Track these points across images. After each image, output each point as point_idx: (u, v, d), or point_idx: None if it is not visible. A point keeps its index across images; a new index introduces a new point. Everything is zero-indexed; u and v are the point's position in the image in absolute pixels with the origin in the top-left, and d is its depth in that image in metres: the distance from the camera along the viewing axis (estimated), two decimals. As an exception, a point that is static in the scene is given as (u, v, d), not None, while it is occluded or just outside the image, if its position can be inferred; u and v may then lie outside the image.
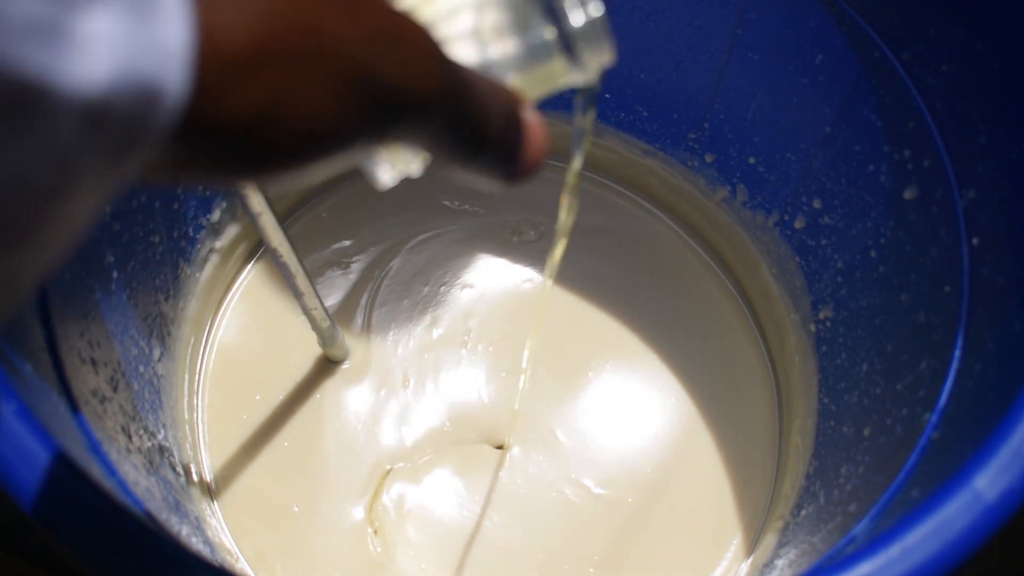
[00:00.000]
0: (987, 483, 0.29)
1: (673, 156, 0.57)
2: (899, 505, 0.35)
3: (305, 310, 0.47)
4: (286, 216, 0.58)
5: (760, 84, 0.50)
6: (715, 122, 0.53)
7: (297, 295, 0.46)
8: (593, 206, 0.59)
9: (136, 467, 0.38)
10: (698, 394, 0.54)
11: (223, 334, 0.55)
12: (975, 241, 0.39)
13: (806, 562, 0.40)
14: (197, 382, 0.53)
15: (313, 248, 0.57)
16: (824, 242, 0.50)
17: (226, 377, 0.53)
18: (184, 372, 0.51)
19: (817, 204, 0.50)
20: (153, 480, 0.40)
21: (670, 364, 0.55)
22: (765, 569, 0.46)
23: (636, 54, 0.52)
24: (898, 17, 0.42)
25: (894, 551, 0.28)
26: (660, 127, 0.56)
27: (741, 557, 0.50)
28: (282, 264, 0.44)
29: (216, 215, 0.52)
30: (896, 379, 0.42)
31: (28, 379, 0.31)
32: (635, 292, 0.57)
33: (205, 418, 0.52)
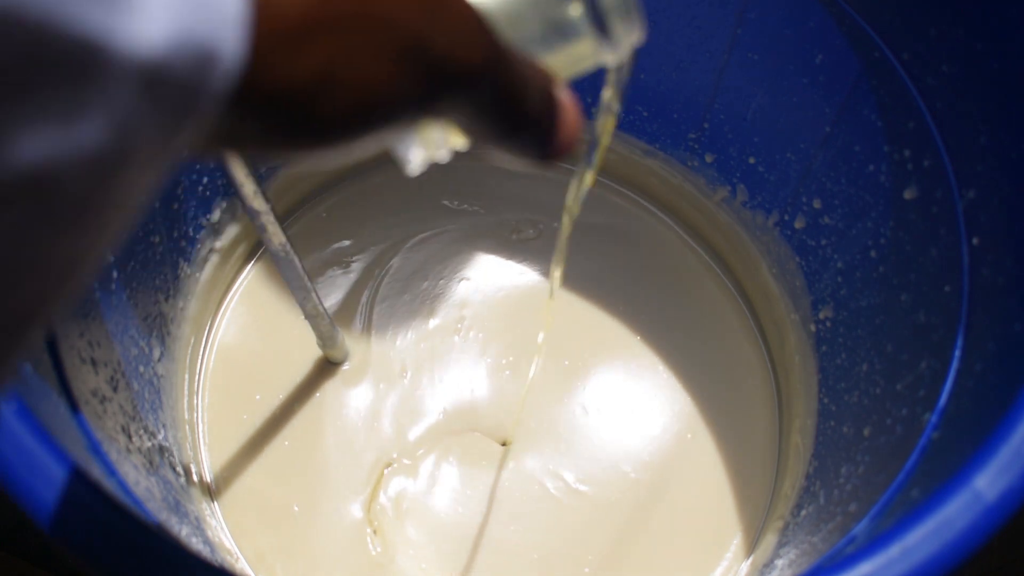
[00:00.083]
0: (987, 483, 0.29)
1: (673, 156, 0.57)
2: (899, 505, 0.35)
3: (305, 312, 0.47)
4: (286, 216, 0.58)
5: (760, 84, 0.50)
6: (715, 122, 0.53)
7: (297, 297, 0.46)
8: (593, 206, 0.59)
9: (136, 467, 0.38)
10: (698, 394, 0.54)
11: (223, 334, 0.55)
12: (975, 241, 0.39)
13: (806, 562, 0.40)
14: (197, 382, 0.53)
15: (313, 248, 0.57)
16: (824, 242, 0.50)
17: (226, 377, 0.53)
18: (184, 372, 0.51)
19: (817, 204, 0.50)
20: (153, 480, 0.40)
21: (670, 364, 0.55)
22: (765, 569, 0.46)
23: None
24: (898, 17, 0.42)
25: (894, 551, 0.28)
26: (660, 127, 0.56)
27: (741, 557, 0.50)
28: (282, 265, 0.44)
29: (216, 215, 0.52)
30: (896, 379, 0.42)
31: (28, 379, 0.31)
32: (635, 292, 0.57)
33: (205, 418, 0.52)
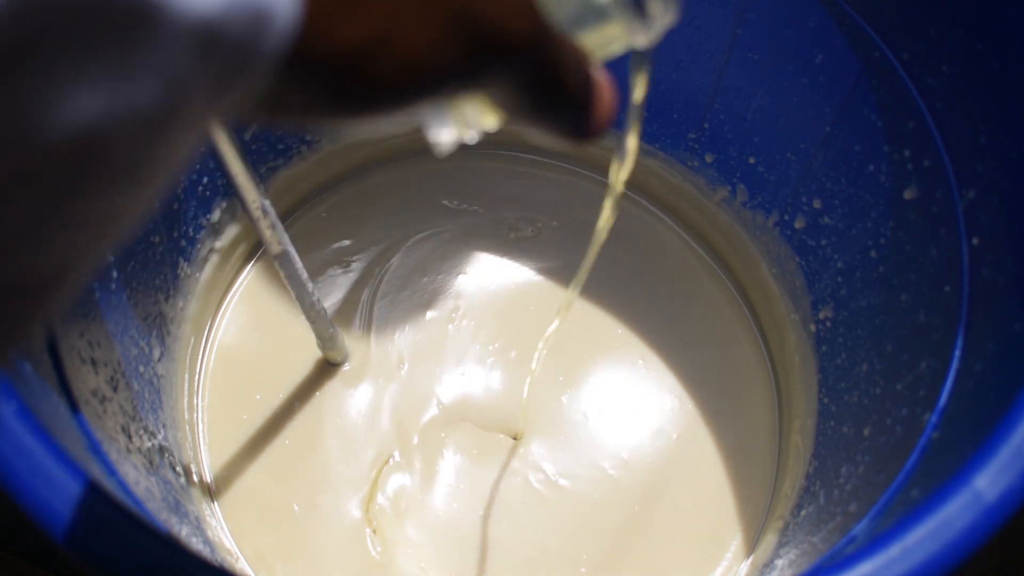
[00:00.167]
0: (987, 483, 0.29)
1: (673, 156, 0.57)
2: (899, 505, 0.35)
3: (305, 313, 0.47)
4: (286, 216, 0.58)
5: (760, 84, 0.50)
6: (715, 122, 0.53)
7: (297, 298, 0.46)
8: (592, 206, 0.59)
9: (136, 467, 0.38)
10: (698, 394, 0.54)
11: (223, 334, 0.55)
12: (975, 241, 0.39)
13: (806, 562, 0.40)
14: (197, 382, 0.53)
15: (313, 248, 0.57)
16: (824, 242, 0.50)
17: (226, 377, 0.53)
18: (184, 372, 0.51)
19: (817, 204, 0.50)
20: (153, 480, 0.40)
21: (670, 364, 0.55)
22: (765, 569, 0.46)
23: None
24: (898, 17, 0.42)
25: (894, 551, 0.28)
26: (660, 127, 0.56)
27: (741, 557, 0.50)
28: (282, 266, 0.44)
29: (216, 215, 0.52)
30: (896, 379, 0.42)
31: (28, 379, 0.31)
32: (635, 292, 0.57)
33: (205, 418, 0.52)
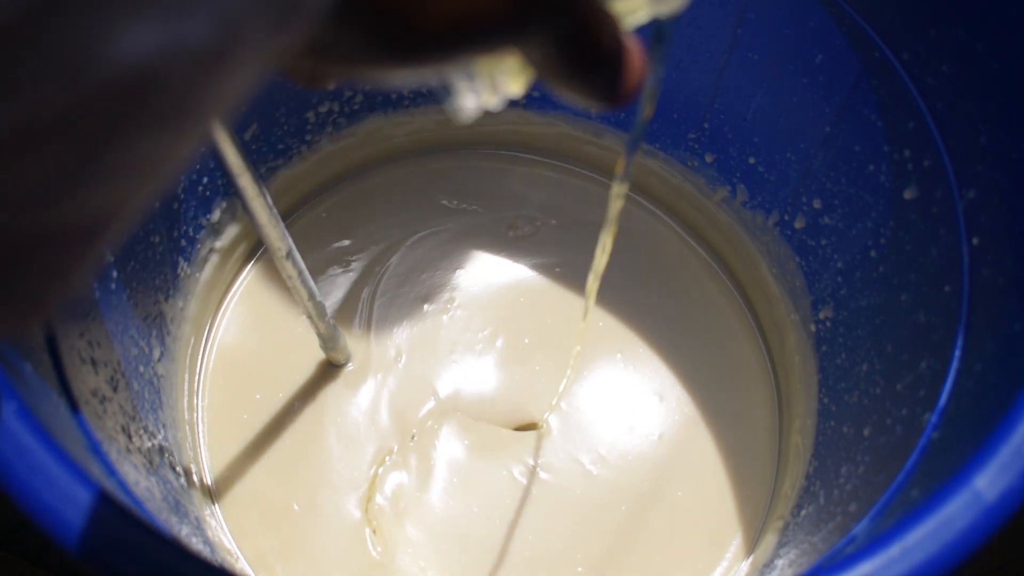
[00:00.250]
0: (987, 483, 0.29)
1: (673, 156, 0.57)
2: (899, 505, 0.35)
3: (307, 314, 0.47)
4: (286, 216, 0.58)
5: (760, 84, 0.50)
6: (715, 122, 0.53)
7: (299, 299, 0.46)
8: (593, 205, 0.59)
9: (136, 467, 0.38)
10: (698, 394, 0.54)
11: (223, 334, 0.55)
12: (975, 241, 0.39)
13: (806, 562, 0.40)
14: (197, 382, 0.53)
15: (313, 248, 0.57)
16: (824, 242, 0.50)
17: (226, 377, 0.53)
18: (184, 372, 0.51)
19: (817, 204, 0.50)
20: (153, 480, 0.40)
21: (670, 364, 0.55)
22: (765, 569, 0.46)
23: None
24: (898, 17, 0.42)
25: (894, 551, 0.28)
26: (660, 127, 0.56)
27: (741, 557, 0.50)
28: (284, 268, 0.44)
29: (216, 215, 0.52)
30: (896, 379, 0.42)
31: (28, 379, 0.31)
32: (635, 291, 0.57)
33: (205, 418, 0.52)
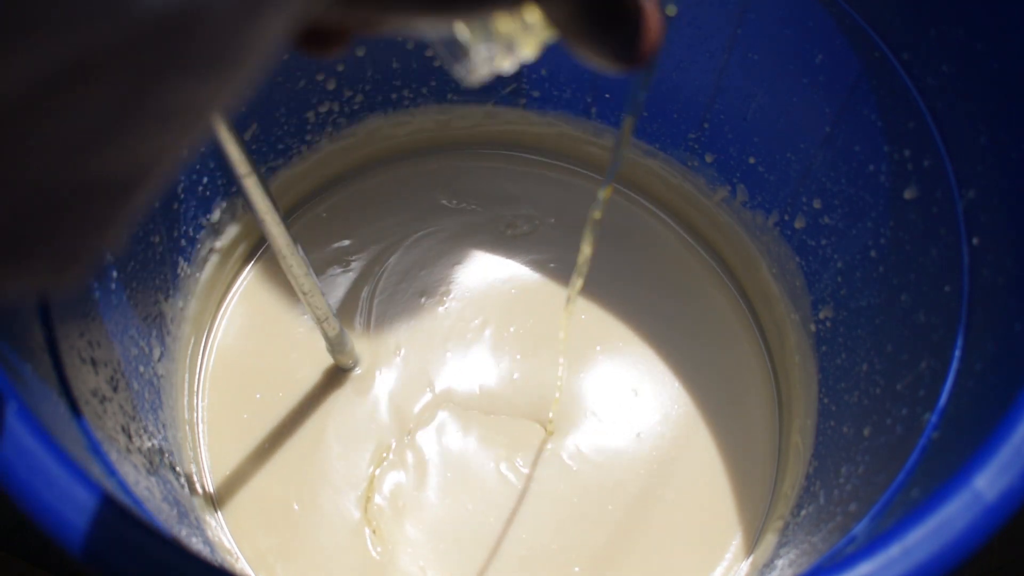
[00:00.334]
0: (987, 483, 0.29)
1: (673, 156, 0.57)
2: (899, 505, 0.35)
3: (314, 317, 0.47)
4: (286, 216, 0.58)
5: (760, 84, 0.50)
6: (715, 122, 0.53)
7: (306, 303, 0.46)
8: (592, 205, 0.59)
9: (136, 467, 0.38)
10: (698, 394, 0.54)
11: (223, 334, 0.55)
12: (975, 241, 0.39)
13: (806, 562, 0.40)
14: (197, 382, 0.53)
15: (313, 248, 0.57)
16: (824, 242, 0.50)
17: (226, 377, 0.53)
18: (184, 372, 0.51)
19: (817, 204, 0.50)
20: (153, 480, 0.40)
21: (670, 364, 0.55)
22: (765, 569, 0.46)
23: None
24: (898, 17, 0.42)
25: (894, 551, 0.28)
26: (660, 127, 0.56)
27: (741, 557, 0.50)
28: (291, 273, 0.43)
29: (216, 215, 0.52)
30: (896, 379, 0.42)
31: (28, 379, 0.31)
32: (634, 292, 0.57)
33: (205, 418, 0.52)
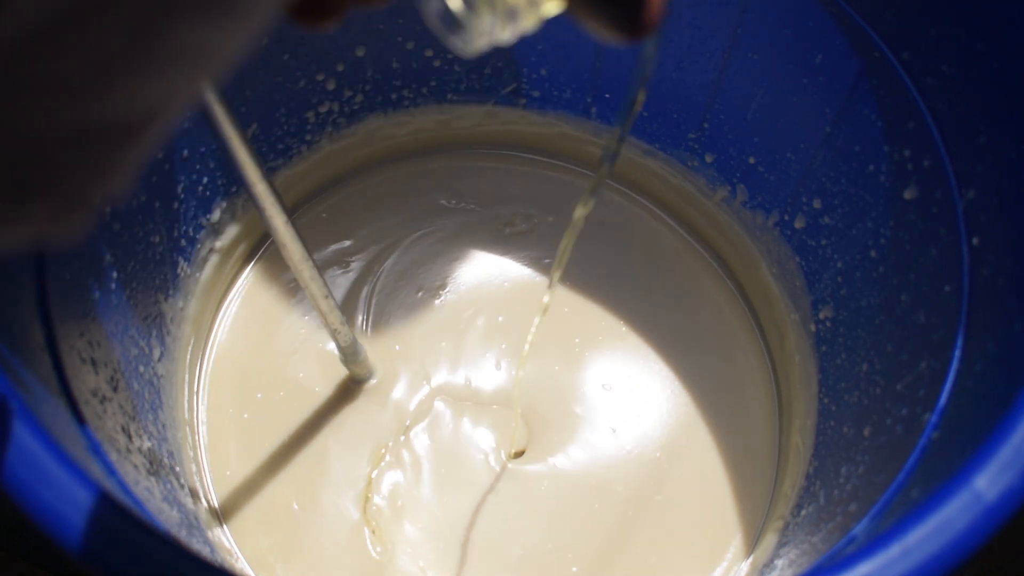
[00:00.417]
0: (987, 483, 0.29)
1: (673, 156, 0.57)
2: (899, 505, 0.35)
3: (327, 326, 0.46)
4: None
5: (760, 84, 0.50)
6: (715, 122, 0.53)
7: (321, 314, 0.45)
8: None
9: (136, 467, 0.38)
10: (698, 394, 0.54)
11: (223, 334, 0.55)
12: (975, 241, 0.39)
13: (806, 562, 0.40)
14: (197, 382, 0.53)
15: (313, 248, 0.57)
16: (824, 242, 0.50)
17: (226, 377, 0.53)
18: (184, 372, 0.51)
19: (817, 204, 0.50)
20: (153, 480, 0.40)
21: (669, 364, 0.55)
22: (765, 569, 0.46)
23: (636, 54, 0.52)
24: (898, 17, 0.42)
25: (894, 551, 0.28)
26: (660, 127, 0.56)
27: (741, 557, 0.50)
28: (305, 285, 0.43)
29: (216, 215, 0.52)
30: (896, 379, 0.42)
31: (28, 379, 0.31)
32: (634, 292, 0.57)
33: (205, 418, 0.52)
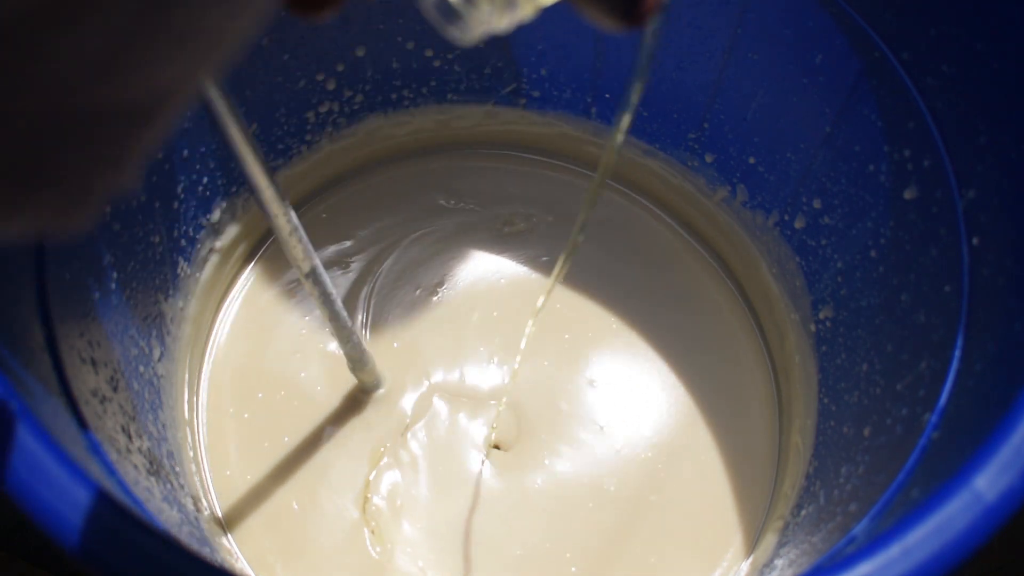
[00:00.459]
0: (987, 483, 0.29)
1: (673, 156, 0.57)
2: (899, 505, 0.35)
3: (336, 334, 0.46)
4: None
5: (760, 84, 0.50)
6: (715, 122, 0.53)
7: (328, 319, 0.45)
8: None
9: (136, 467, 0.38)
10: (698, 394, 0.54)
11: (223, 334, 0.55)
12: (975, 241, 0.39)
13: (806, 562, 0.40)
14: (197, 382, 0.53)
15: (313, 248, 0.57)
16: (824, 242, 0.50)
17: (226, 377, 0.53)
18: (184, 372, 0.51)
19: (817, 204, 0.50)
20: (153, 480, 0.40)
21: (669, 363, 0.55)
22: (765, 569, 0.46)
23: (636, 54, 0.52)
24: (898, 17, 0.42)
25: (894, 551, 0.28)
26: (660, 127, 0.56)
27: (741, 557, 0.50)
28: (313, 286, 0.43)
29: (216, 215, 0.52)
30: (896, 379, 0.42)
31: (28, 379, 0.31)
32: (634, 292, 0.57)
33: (205, 418, 0.52)
